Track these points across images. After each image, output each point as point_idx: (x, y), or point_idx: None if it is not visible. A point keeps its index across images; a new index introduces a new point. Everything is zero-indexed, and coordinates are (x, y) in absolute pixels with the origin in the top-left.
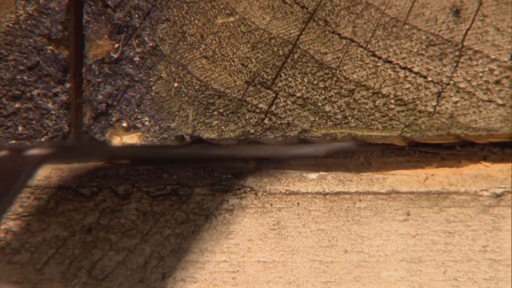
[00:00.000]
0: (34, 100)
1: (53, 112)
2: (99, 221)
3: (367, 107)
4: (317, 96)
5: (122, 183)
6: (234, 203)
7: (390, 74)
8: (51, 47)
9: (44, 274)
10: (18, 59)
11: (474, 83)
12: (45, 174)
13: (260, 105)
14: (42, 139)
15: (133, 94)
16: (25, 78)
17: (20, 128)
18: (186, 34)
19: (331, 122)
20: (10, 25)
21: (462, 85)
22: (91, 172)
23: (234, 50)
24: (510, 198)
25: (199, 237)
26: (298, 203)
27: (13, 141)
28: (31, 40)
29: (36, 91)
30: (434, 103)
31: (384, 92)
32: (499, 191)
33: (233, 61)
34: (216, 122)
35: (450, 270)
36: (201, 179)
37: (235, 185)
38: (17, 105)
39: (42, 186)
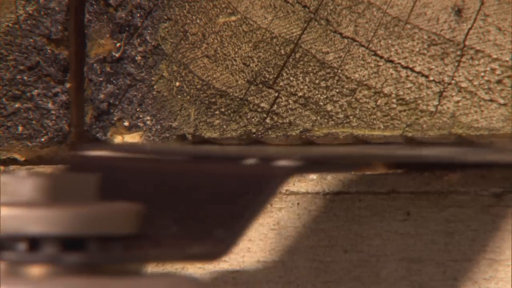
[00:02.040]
0: (34, 100)
1: (53, 112)
2: None
3: (369, 107)
4: (319, 96)
5: None
6: None
7: (391, 74)
8: (51, 47)
9: None
10: (18, 59)
11: (475, 83)
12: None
13: (262, 105)
14: (42, 139)
15: (135, 93)
16: (25, 78)
17: (20, 128)
18: (188, 33)
19: (333, 122)
20: (10, 25)
21: (463, 85)
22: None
23: (236, 50)
24: (510, 198)
25: None
26: (298, 203)
27: (264, 150)
28: (31, 40)
29: (36, 91)
30: (435, 103)
31: (385, 92)
32: (499, 191)
33: (235, 60)
34: (218, 121)
35: (450, 270)
36: None
37: None
38: (17, 105)
39: None
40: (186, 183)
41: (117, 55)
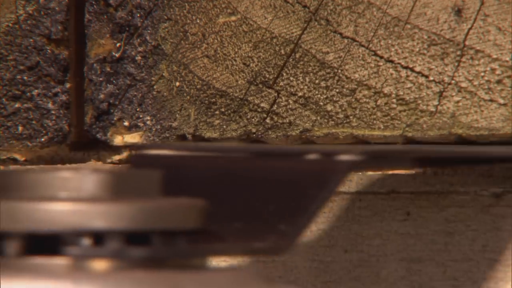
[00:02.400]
0: (34, 100)
1: (53, 112)
2: None
3: (369, 107)
4: (319, 96)
5: None
6: None
7: (391, 74)
8: (51, 47)
9: None
10: (18, 59)
11: (475, 83)
12: None
13: (262, 105)
14: (42, 139)
15: (135, 93)
16: (25, 78)
17: (20, 128)
18: (188, 33)
19: (333, 122)
20: (10, 25)
21: (463, 85)
22: None
23: (236, 50)
24: (510, 198)
25: None
26: None
27: (325, 145)
28: (31, 40)
29: (36, 91)
30: (435, 103)
31: (385, 92)
32: (499, 191)
33: (235, 60)
34: (218, 121)
35: (450, 270)
36: None
37: None
38: (17, 105)
39: None
40: (249, 179)
41: (117, 55)
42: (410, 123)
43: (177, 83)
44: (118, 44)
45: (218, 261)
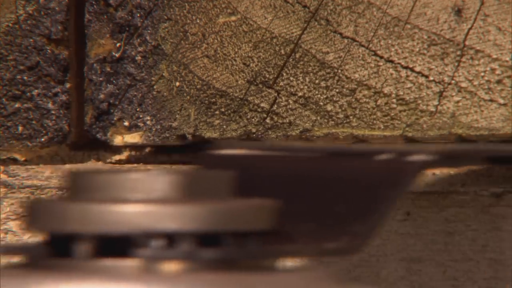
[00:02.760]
0: (34, 100)
1: (53, 112)
2: None
3: (369, 107)
4: (319, 96)
5: None
6: None
7: (391, 74)
8: (51, 47)
9: None
10: (18, 59)
11: (475, 83)
12: (46, 174)
13: (262, 105)
14: (42, 139)
15: (135, 93)
16: (25, 78)
17: (20, 128)
18: (188, 33)
19: (333, 122)
20: (10, 25)
21: (463, 85)
22: None
23: (236, 50)
24: (510, 198)
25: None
26: None
27: (397, 145)
28: (31, 40)
29: (36, 91)
30: (435, 103)
31: (385, 92)
32: (499, 191)
33: (235, 60)
34: (218, 121)
35: (450, 270)
36: None
37: None
38: (17, 105)
39: (42, 186)
40: (320, 179)
41: (117, 55)
42: (410, 123)
43: (177, 83)
44: (118, 44)
45: (289, 262)
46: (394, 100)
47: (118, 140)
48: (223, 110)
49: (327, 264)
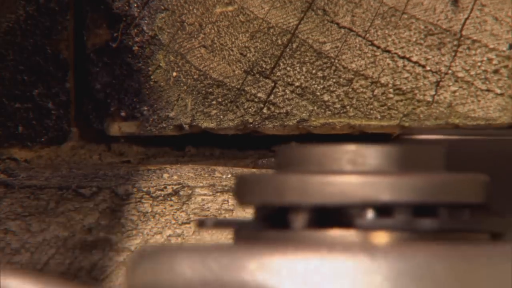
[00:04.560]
0: (34, 100)
1: (53, 112)
2: (99, 221)
3: (366, 97)
4: (316, 86)
5: (122, 183)
6: (234, 203)
7: (388, 64)
8: (51, 47)
9: (44, 274)
10: (18, 59)
11: (472, 73)
12: (46, 174)
13: (259, 95)
14: (42, 139)
15: (132, 83)
16: (25, 78)
17: (20, 128)
18: (185, 24)
19: (330, 112)
20: (10, 25)
21: (460, 75)
22: (91, 172)
23: (233, 40)
24: None
25: (199, 237)
26: None
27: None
28: (31, 40)
29: (36, 91)
30: (432, 93)
31: (382, 82)
32: None
33: (232, 50)
34: (215, 111)
35: None
36: (201, 180)
37: None
38: (17, 105)
39: (42, 186)
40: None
41: (114, 45)
42: (407, 113)
43: (174, 73)
44: (115, 34)
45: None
46: (391, 90)
47: (115, 130)
48: (220, 100)
49: None
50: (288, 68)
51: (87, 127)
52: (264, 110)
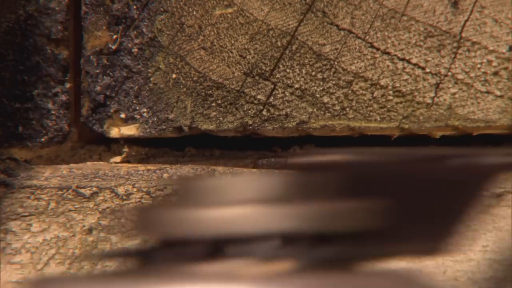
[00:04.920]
0: (34, 100)
1: (53, 112)
2: (99, 221)
3: (365, 99)
4: (315, 87)
5: (122, 183)
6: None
7: (388, 66)
8: (51, 47)
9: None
10: (18, 59)
11: (472, 75)
12: (46, 174)
13: (259, 96)
14: (42, 139)
15: (131, 85)
16: (25, 78)
17: (20, 128)
18: (184, 26)
19: (329, 114)
20: (10, 25)
21: (460, 77)
22: (91, 172)
23: (233, 42)
24: (510, 198)
25: None
26: None
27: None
28: (31, 40)
29: (36, 91)
30: (432, 94)
31: (382, 84)
32: (499, 191)
33: (232, 52)
34: (214, 113)
35: (450, 270)
36: None
37: None
38: (17, 105)
39: (42, 186)
40: (401, 184)
41: (113, 47)
42: (407, 115)
43: (174, 75)
44: (114, 36)
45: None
46: (391, 92)
47: (114, 132)
48: (219, 102)
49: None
50: (288, 70)
51: (87, 128)
52: (264, 112)
